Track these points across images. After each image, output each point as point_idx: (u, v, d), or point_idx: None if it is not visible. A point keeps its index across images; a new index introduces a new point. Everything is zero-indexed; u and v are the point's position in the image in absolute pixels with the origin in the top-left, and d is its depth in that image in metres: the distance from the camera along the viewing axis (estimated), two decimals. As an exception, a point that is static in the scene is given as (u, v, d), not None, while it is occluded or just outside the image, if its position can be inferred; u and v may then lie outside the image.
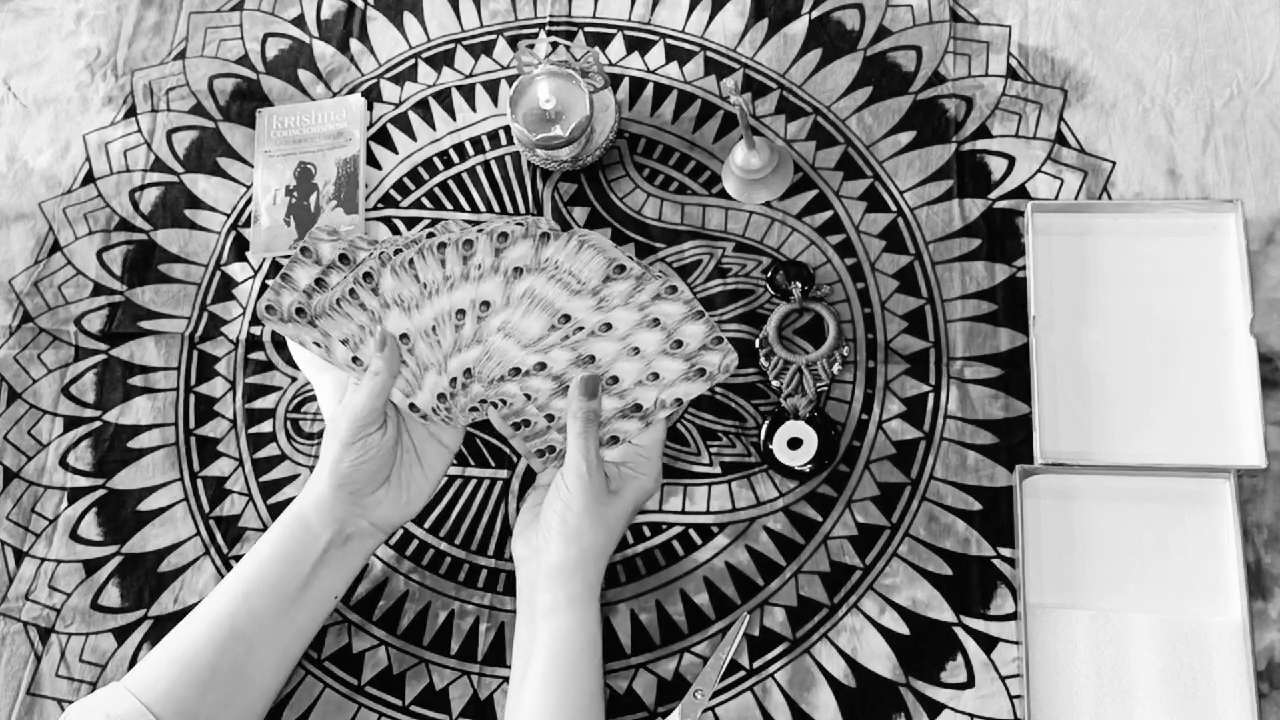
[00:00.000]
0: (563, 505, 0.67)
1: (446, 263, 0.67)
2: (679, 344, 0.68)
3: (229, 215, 0.89)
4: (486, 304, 0.68)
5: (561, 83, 0.82)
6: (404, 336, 0.69)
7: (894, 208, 0.82)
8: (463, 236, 0.67)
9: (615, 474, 0.70)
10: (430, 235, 0.69)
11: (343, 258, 0.69)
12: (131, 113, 0.93)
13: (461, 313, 0.68)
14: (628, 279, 0.67)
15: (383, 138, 0.89)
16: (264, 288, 0.86)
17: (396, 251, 0.67)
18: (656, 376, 0.69)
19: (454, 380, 0.70)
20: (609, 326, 0.68)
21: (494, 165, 0.88)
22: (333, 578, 0.70)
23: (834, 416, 0.78)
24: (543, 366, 0.69)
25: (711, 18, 0.89)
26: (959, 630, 0.73)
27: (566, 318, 0.68)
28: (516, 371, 0.69)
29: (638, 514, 0.73)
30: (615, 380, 0.69)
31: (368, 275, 0.68)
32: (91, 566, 0.81)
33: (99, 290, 0.88)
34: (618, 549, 0.77)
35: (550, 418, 0.71)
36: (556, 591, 0.67)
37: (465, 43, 0.91)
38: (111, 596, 0.80)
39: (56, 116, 0.94)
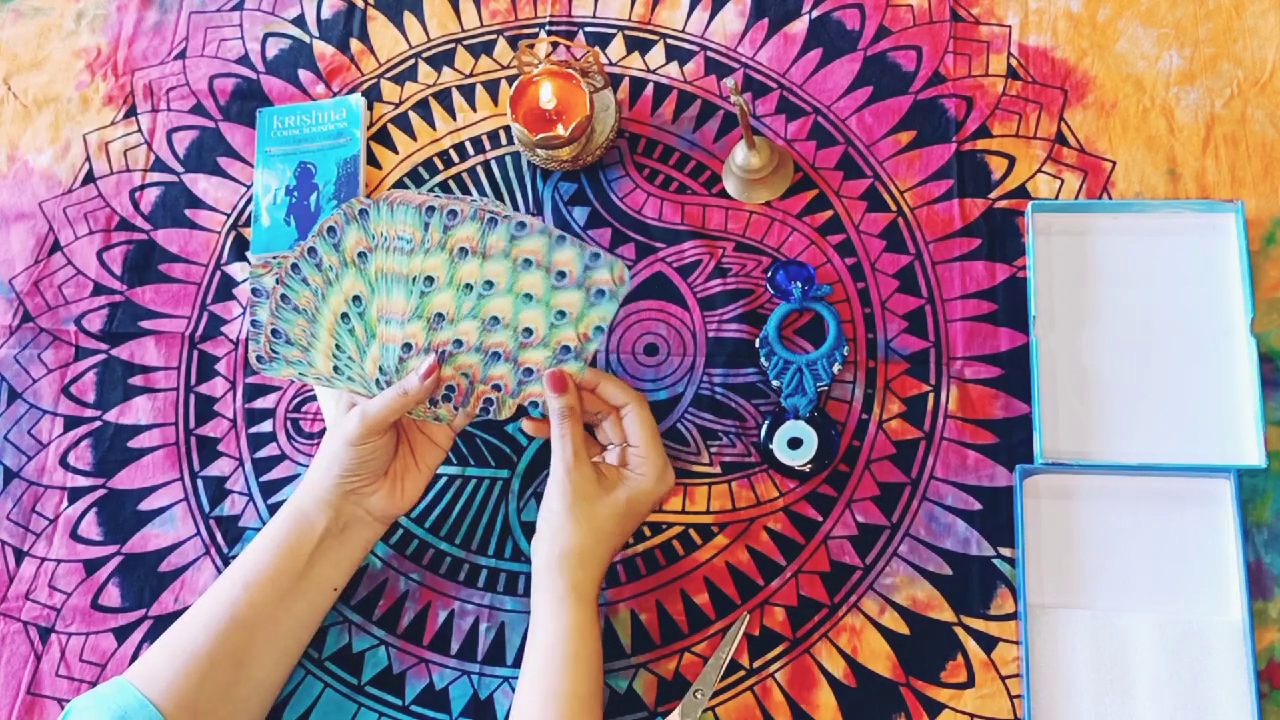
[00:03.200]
0: (546, 504, 0.69)
1: (307, 279, 0.70)
2: (562, 275, 0.69)
3: (229, 215, 0.89)
4: (358, 298, 0.70)
5: (561, 83, 0.83)
6: (336, 369, 0.72)
7: (894, 208, 0.82)
8: (304, 247, 0.69)
9: (612, 474, 0.70)
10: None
11: (277, 280, 0.72)
12: (131, 113, 0.93)
13: (345, 316, 0.70)
14: (463, 222, 0.68)
15: (383, 138, 0.89)
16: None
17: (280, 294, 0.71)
18: (564, 314, 0.70)
19: (376, 382, 0.71)
20: (491, 284, 0.69)
21: (494, 165, 0.88)
22: (331, 569, 0.71)
23: (834, 416, 0.78)
24: (460, 344, 0.70)
25: (711, 18, 0.89)
26: (959, 630, 0.73)
27: (430, 280, 0.69)
28: (409, 348, 0.70)
29: (647, 516, 0.72)
30: (530, 332, 0.70)
31: (275, 332, 0.72)
32: (92, 566, 0.81)
33: (99, 290, 0.88)
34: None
35: (498, 387, 0.71)
36: (543, 591, 0.68)
37: (465, 43, 0.91)
38: (112, 596, 0.80)
39: (56, 116, 0.94)
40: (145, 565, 0.80)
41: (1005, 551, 0.74)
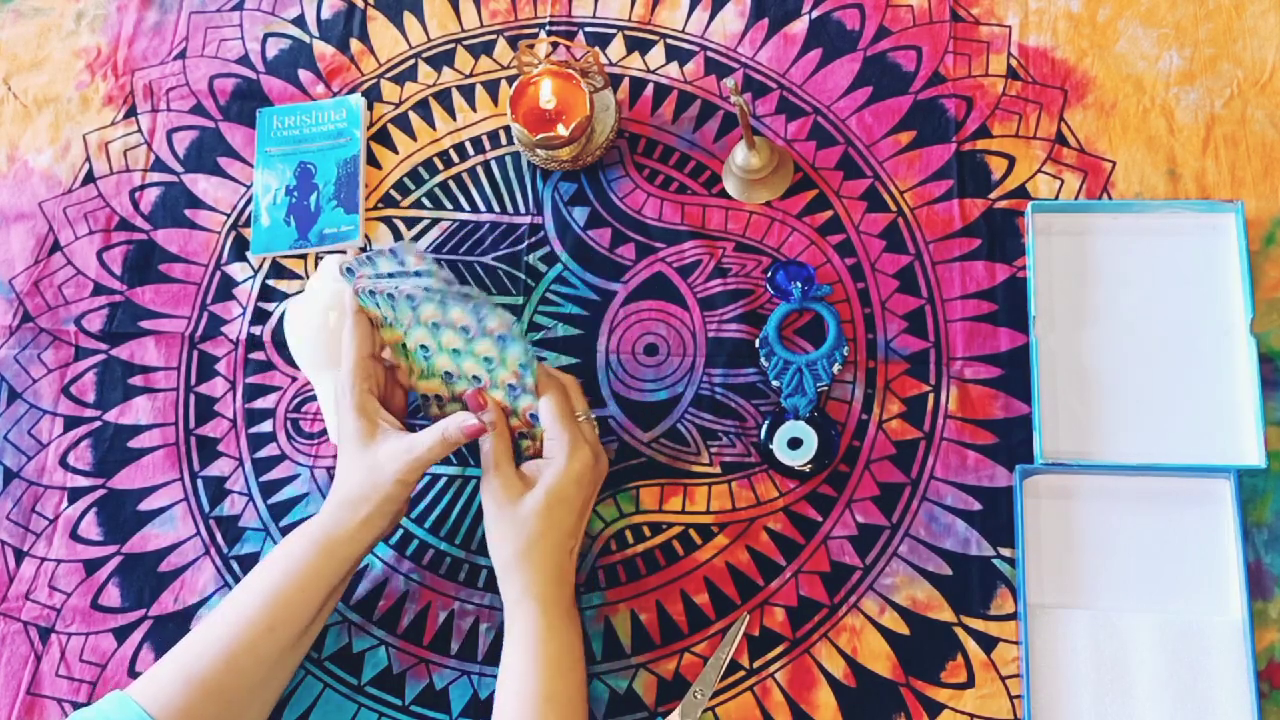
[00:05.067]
0: (484, 518, 0.70)
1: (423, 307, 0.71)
2: (465, 330, 0.70)
3: (229, 215, 0.89)
4: (424, 347, 0.74)
5: (561, 83, 0.83)
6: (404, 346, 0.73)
7: (894, 208, 0.82)
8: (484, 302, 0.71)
9: (533, 471, 0.70)
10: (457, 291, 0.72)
11: (418, 274, 0.72)
12: (131, 113, 0.93)
13: (426, 348, 0.73)
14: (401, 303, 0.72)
15: (383, 138, 0.89)
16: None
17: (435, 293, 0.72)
18: (490, 360, 0.71)
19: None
20: (426, 348, 0.72)
21: (494, 165, 0.88)
22: (344, 587, 0.72)
23: (834, 416, 0.78)
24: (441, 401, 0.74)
25: (711, 18, 0.89)
26: (959, 630, 0.73)
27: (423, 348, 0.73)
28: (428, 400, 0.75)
29: (580, 500, 0.70)
30: (478, 379, 0.72)
31: (392, 295, 0.72)
32: (91, 566, 0.81)
33: (99, 290, 0.88)
34: (619, 548, 0.77)
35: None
36: (504, 597, 0.69)
37: (465, 43, 0.91)
38: (112, 596, 0.80)
39: (56, 116, 0.94)
40: (145, 565, 0.80)
41: (1005, 551, 0.74)
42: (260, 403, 0.83)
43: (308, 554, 0.68)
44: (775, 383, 0.78)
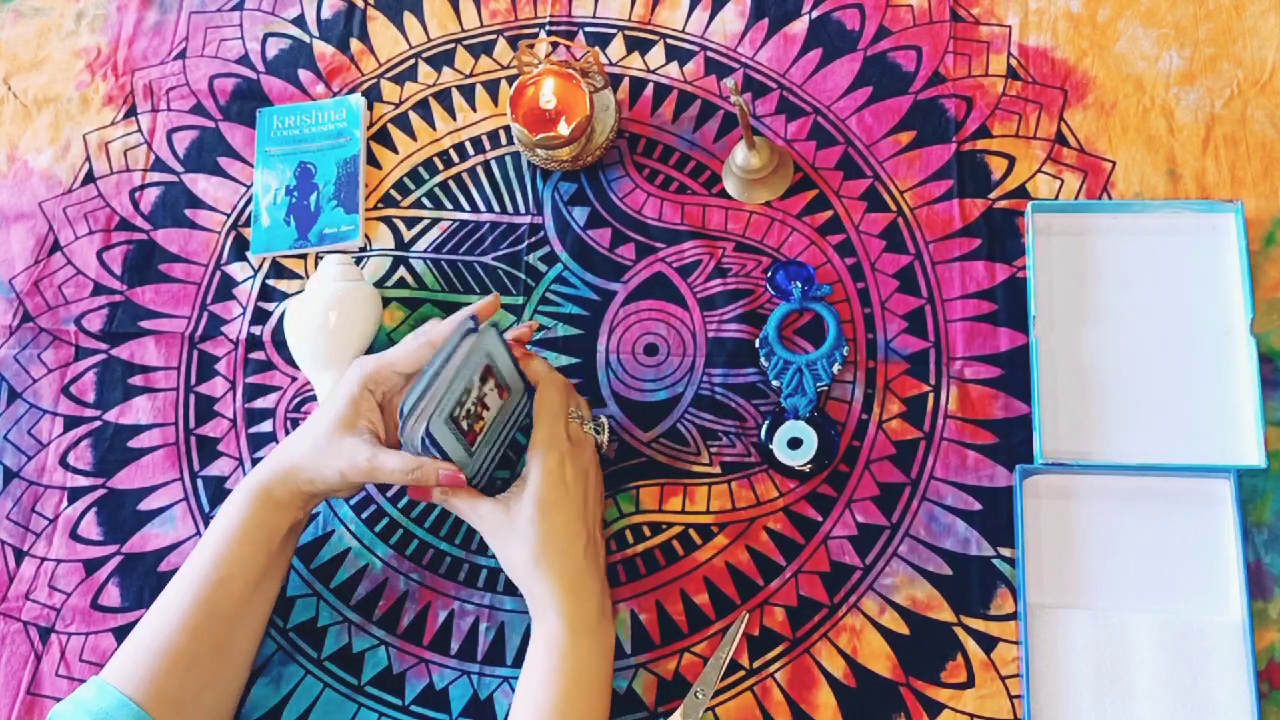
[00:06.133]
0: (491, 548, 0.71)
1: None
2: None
3: (229, 215, 0.89)
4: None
5: (561, 83, 0.83)
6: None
7: (894, 208, 0.82)
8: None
9: (517, 489, 0.70)
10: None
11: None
12: (131, 113, 0.93)
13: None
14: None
15: (383, 138, 0.89)
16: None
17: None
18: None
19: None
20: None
21: (494, 165, 0.88)
22: (294, 544, 0.73)
23: (834, 416, 0.78)
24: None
25: (711, 18, 0.89)
26: (959, 630, 0.73)
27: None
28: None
29: (570, 496, 0.69)
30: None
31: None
32: (91, 566, 0.81)
33: (99, 290, 0.88)
34: (619, 548, 0.77)
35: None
36: (530, 612, 0.69)
37: (465, 43, 0.91)
38: (112, 596, 0.80)
39: (56, 116, 0.94)
40: (145, 565, 0.80)
41: (1005, 551, 0.74)
42: (260, 402, 0.83)
43: (244, 506, 0.69)
44: (775, 383, 0.78)
